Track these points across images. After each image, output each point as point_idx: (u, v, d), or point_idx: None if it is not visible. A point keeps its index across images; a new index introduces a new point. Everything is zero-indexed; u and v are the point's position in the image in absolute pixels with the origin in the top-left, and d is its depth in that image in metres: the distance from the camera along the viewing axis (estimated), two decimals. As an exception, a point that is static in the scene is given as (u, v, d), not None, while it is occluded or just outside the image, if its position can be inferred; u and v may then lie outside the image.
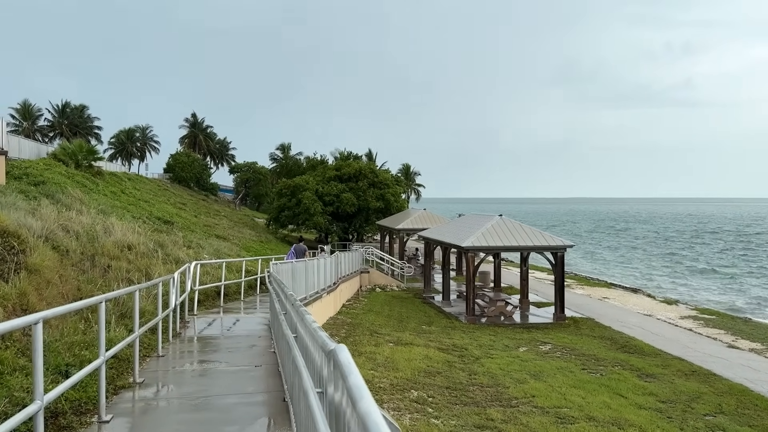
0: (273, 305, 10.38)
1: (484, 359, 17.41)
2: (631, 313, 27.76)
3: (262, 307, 15.48)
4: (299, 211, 49.89)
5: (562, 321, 25.19)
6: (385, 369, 14.67)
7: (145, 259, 16.57)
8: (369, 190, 51.88)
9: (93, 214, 19.61)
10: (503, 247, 25.10)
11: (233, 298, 16.89)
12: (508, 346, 20.02)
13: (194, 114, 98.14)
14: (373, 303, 27.69)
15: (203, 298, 14.92)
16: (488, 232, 25.69)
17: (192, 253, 20.14)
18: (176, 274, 10.84)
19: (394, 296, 31.22)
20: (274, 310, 9.85)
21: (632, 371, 17.72)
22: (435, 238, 29.40)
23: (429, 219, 39.99)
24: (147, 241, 18.24)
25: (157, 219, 27.05)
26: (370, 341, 17.97)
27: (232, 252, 27.28)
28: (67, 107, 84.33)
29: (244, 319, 12.91)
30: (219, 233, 34.91)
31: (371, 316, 23.51)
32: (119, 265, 14.79)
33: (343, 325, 20.68)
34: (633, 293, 36.46)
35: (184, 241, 22.10)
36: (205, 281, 15.67)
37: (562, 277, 25.56)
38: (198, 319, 12.81)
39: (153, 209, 30.83)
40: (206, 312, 13.91)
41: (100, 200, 24.20)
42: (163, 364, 8.60)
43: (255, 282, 19.37)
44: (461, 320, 25.10)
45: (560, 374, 16.64)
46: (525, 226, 26.50)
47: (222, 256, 23.97)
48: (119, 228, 18.22)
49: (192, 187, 72.60)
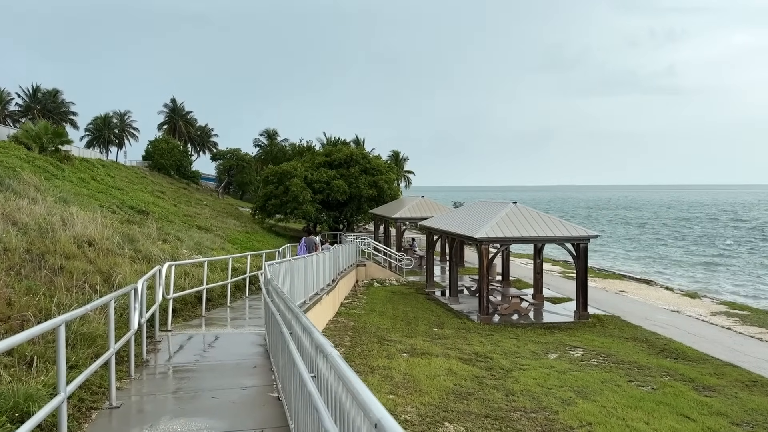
0: (271, 321, 7.65)
1: (516, 372, 14.77)
2: (657, 309, 25.33)
3: (252, 316, 12.66)
4: (287, 200, 46.86)
5: (585, 320, 22.67)
6: (405, 391, 11.95)
7: (109, 257, 13.67)
8: (361, 177, 48.92)
9: (50, 203, 16.62)
10: (520, 238, 22.46)
11: (218, 303, 14.05)
12: (536, 352, 17.42)
13: (173, 99, 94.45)
14: (373, 300, 24.95)
15: (180, 307, 12.07)
16: (502, 221, 23.03)
17: (168, 248, 17.23)
18: (141, 282, 8.00)
19: (395, 292, 28.52)
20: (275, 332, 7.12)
21: (685, 382, 15.22)
22: (440, 228, 26.68)
23: (429, 207, 37.21)
24: (114, 235, 15.31)
25: (130, 208, 24.02)
26: (381, 351, 15.24)
27: (215, 245, 24.37)
28: (38, 91, 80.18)
29: (232, 336, 10.07)
30: (201, 224, 31.90)
31: (375, 318, 20.77)
32: (75, 266, 11.90)
33: (345, 330, 17.93)
34: (647, 285, 34.13)
35: (159, 234, 19.14)
36: (183, 285, 12.80)
37: (585, 271, 22.99)
38: (173, 336, 9.97)
39: (126, 197, 27.73)
40: (184, 325, 11.06)
41: (63, 187, 21.12)
42: (117, 426, 5.78)
43: (243, 282, 16.51)
44: (473, 320, 22.48)
45: (607, 389, 14.08)
46: (543, 215, 23.88)
47: (204, 250, 21.07)
48: (81, 219, 15.26)
49: (172, 175, 69.11)
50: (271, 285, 7.61)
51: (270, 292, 8.18)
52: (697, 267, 46.17)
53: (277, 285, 6.91)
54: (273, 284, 7.41)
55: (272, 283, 7.58)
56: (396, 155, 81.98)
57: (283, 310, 5.85)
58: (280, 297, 6.28)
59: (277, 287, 6.95)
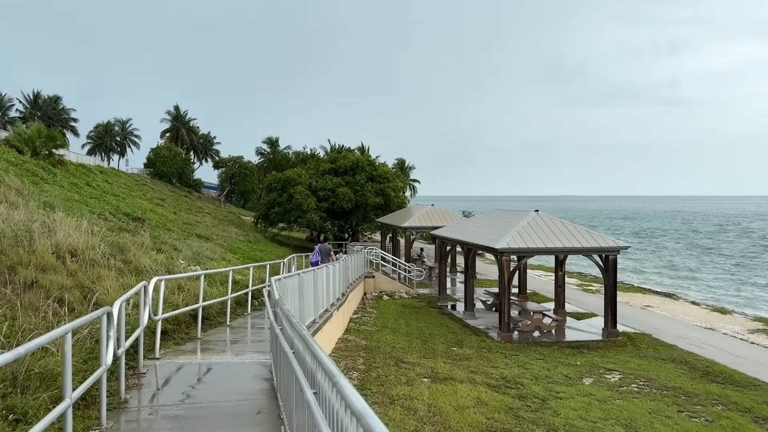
0: (279, 352, 6.02)
1: (553, 401, 13.07)
2: (689, 327, 23.60)
3: (255, 338, 11.00)
4: (291, 207, 45.21)
5: (615, 338, 20.96)
6: (433, 429, 10.27)
7: (94, 269, 12.05)
8: (367, 185, 47.26)
9: (33, 208, 15.02)
10: (544, 249, 20.79)
11: (216, 322, 12.38)
12: (569, 377, 15.72)
13: (177, 107, 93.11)
14: (384, 315, 23.25)
15: (172, 328, 10.41)
16: (524, 230, 21.38)
17: (163, 258, 15.59)
18: (118, 304, 6.38)
19: (405, 305, 26.82)
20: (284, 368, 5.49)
21: (741, 413, 13.53)
22: (456, 238, 25.02)
23: (440, 216, 35.54)
24: (101, 244, 13.68)
25: (124, 215, 22.40)
26: (399, 376, 13.55)
27: (215, 255, 22.73)
28: (39, 97, 78.92)
29: (231, 366, 8.40)
30: (200, 232, 30.28)
31: (388, 335, 19.08)
32: (51, 279, 10.27)
33: (357, 349, 16.24)
34: (670, 299, 32.38)
35: (153, 243, 17.51)
36: (176, 302, 11.14)
37: (614, 284, 21.31)
38: (161, 365, 8.32)
39: (121, 204, 26.12)
40: (175, 350, 9.40)
41: (52, 192, 19.53)
42: None
43: (245, 297, 14.84)
44: (493, 337, 20.78)
45: (658, 422, 12.40)
46: (567, 224, 22.22)
47: (203, 260, 19.43)
48: (64, 226, 13.65)
49: (174, 183, 67.61)
50: (282, 310, 5.94)
51: (279, 317, 6.55)
52: (719, 279, 44.44)
53: (290, 313, 5.24)
54: (285, 310, 5.73)
55: (283, 307, 5.89)
56: (401, 163, 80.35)
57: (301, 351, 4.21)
58: (297, 334, 4.63)
59: (291, 317, 5.24)
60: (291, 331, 4.98)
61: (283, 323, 5.77)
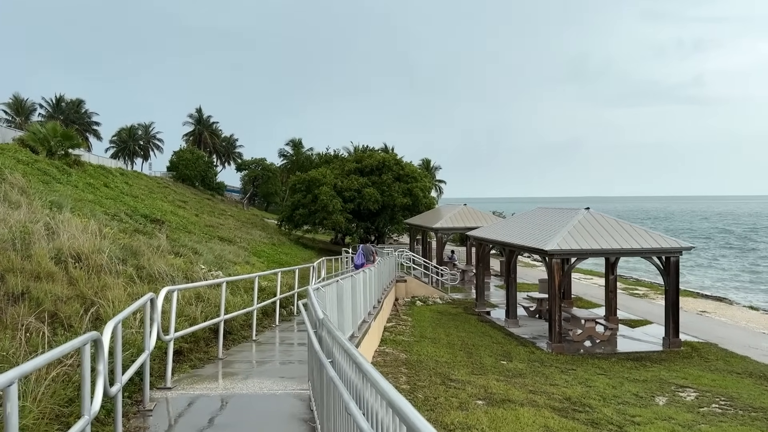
0: (324, 386, 4.32)
1: (631, 428, 11.18)
2: (757, 335, 21.44)
3: (286, 359, 9.28)
4: (316, 209, 43.61)
5: (677, 348, 18.93)
6: (503, 468, 8.47)
7: (102, 276, 10.46)
8: (394, 185, 45.47)
9: (38, 207, 13.54)
10: (599, 250, 18.83)
11: (239, 336, 10.71)
12: (640, 395, 13.78)
13: (199, 109, 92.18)
14: (421, 324, 21.47)
15: (189, 347, 8.75)
16: (575, 230, 19.45)
17: (181, 263, 14.01)
18: (109, 328, 4.70)
19: (441, 312, 25.01)
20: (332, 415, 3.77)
21: None
22: (497, 239, 23.13)
23: (473, 216, 33.65)
24: (112, 247, 12.12)
25: (142, 217, 20.94)
26: (450, 398, 11.75)
27: (238, 258, 21.17)
28: (62, 101, 78.53)
29: (260, 399, 6.67)
30: (223, 235, 28.80)
31: (428, 347, 17.29)
32: (47, 289, 8.70)
33: (398, 364, 14.48)
34: (722, 303, 30.10)
35: (172, 246, 15.96)
36: (194, 315, 9.49)
37: (676, 289, 19.27)
38: (173, 398, 6.64)
39: (140, 205, 24.71)
40: (192, 376, 7.73)
41: (64, 192, 18.11)
42: None
43: (272, 306, 13.17)
44: (542, 347, 18.90)
45: (760, 455, 10.46)
46: (623, 222, 20.23)
47: (225, 264, 17.85)
48: (69, 227, 12.12)
49: (197, 186, 66.57)
50: (338, 341, 4.15)
51: (325, 342, 4.81)
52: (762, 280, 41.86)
53: (354, 350, 3.44)
54: (341, 341, 3.93)
55: (338, 337, 4.08)
56: (426, 163, 78.41)
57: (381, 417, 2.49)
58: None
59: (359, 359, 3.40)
60: (358, 379, 3.24)
61: (342, 366, 4.00)
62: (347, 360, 3.80)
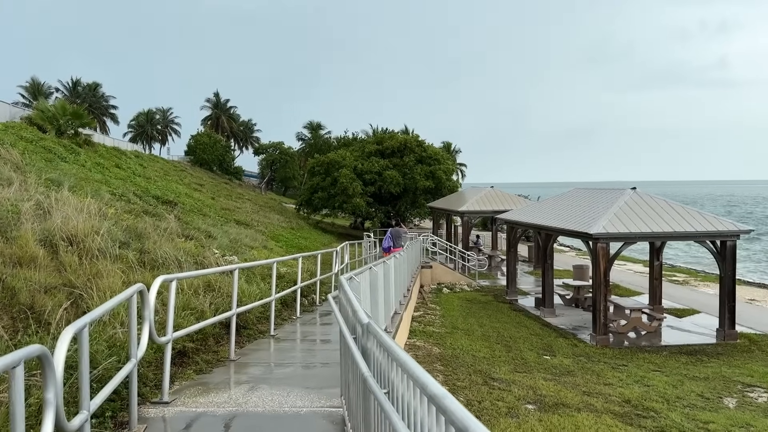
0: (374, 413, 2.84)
1: (707, 437, 9.63)
2: (819, 327, 19.63)
3: (309, 361, 7.82)
4: (335, 192, 42.18)
5: (733, 340, 17.27)
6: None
7: (99, 261, 9.09)
8: (416, 167, 43.84)
9: (32, 184, 12.23)
10: (649, 234, 17.15)
11: (255, 331, 9.30)
12: (705, 396, 12.20)
13: (217, 93, 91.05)
14: (450, 313, 20.00)
15: (194, 347, 7.35)
16: (622, 212, 17.78)
17: (192, 247, 12.64)
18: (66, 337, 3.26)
19: (470, 299, 23.50)
20: None
21: None
22: (532, 222, 21.51)
23: (501, 199, 31.98)
24: (113, 229, 10.77)
25: (153, 198, 19.65)
26: (495, 401, 10.28)
27: (255, 242, 19.83)
28: (78, 85, 77.73)
29: (281, 421, 5.24)
30: (240, 218, 27.51)
31: (462, 339, 15.81)
32: (28, 277, 7.35)
33: (431, 360, 13.03)
34: (769, 291, 28.23)
35: (183, 229, 14.61)
36: (201, 308, 8.08)
37: (733, 276, 17.59)
38: (171, 418, 5.23)
39: (152, 186, 23.44)
40: (197, 384, 6.32)
41: (68, 170, 16.82)
42: None
43: (292, 295, 11.75)
44: (584, 339, 17.35)
45: None
46: (674, 203, 18.51)
47: (241, 249, 16.49)
48: (66, 206, 10.77)
49: (214, 170, 65.49)
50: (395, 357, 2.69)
51: (371, 355, 3.35)
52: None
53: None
54: (405, 363, 2.49)
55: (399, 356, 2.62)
56: (447, 146, 76.54)
57: None
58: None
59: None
60: None
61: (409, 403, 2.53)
62: (424, 403, 2.34)
